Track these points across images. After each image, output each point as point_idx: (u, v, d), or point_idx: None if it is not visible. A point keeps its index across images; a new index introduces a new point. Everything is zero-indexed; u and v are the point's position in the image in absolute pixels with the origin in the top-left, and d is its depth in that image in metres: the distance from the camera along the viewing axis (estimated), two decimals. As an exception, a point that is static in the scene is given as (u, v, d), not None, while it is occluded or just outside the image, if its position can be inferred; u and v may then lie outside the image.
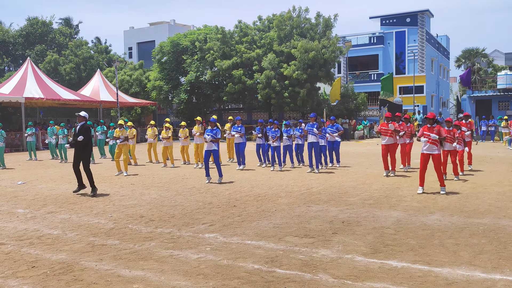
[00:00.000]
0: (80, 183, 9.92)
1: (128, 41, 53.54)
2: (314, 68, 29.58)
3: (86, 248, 5.76)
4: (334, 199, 8.82)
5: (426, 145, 9.26)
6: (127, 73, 38.83)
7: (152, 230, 6.64)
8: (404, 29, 44.93)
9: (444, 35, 56.30)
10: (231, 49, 32.69)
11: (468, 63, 52.82)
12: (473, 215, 7.23)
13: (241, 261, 5.16)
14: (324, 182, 11.06)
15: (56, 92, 28.58)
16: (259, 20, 34.70)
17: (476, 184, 10.38)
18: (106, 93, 32.91)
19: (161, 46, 35.62)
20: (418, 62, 44.38)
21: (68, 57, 40.84)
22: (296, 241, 5.90)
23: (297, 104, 30.24)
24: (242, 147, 14.09)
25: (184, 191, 10.05)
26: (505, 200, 8.38)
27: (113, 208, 8.32)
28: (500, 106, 32.09)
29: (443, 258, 5.15)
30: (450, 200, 8.52)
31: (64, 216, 7.70)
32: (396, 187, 10.18)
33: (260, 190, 9.99)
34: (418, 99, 43.26)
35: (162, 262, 5.16)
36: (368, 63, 46.22)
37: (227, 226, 6.77)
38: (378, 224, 6.72)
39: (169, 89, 35.18)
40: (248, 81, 31.24)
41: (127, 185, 11.28)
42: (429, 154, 9.24)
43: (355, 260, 5.12)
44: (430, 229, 6.40)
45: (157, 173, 13.62)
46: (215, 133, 11.37)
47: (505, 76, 31.41)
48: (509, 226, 6.49)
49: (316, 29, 31.72)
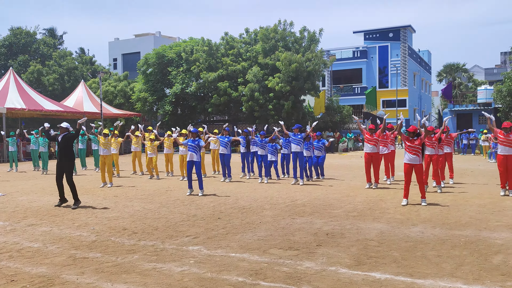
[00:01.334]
0: (62, 197, 9.75)
1: (113, 52, 53.35)
2: (298, 80, 29.84)
3: (67, 261, 5.66)
4: (319, 211, 8.85)
5: (408, 156, 9.46)
6: (112, 84, 38.60)
7: (135, 242, 6.56)
8: (387, 43, 45.75)
9: (426, 50, 57.50)
10: (217, 61, 32.82)
11: (449, 77, 53.90)
12: (455, 227, 7.32)
13: (225, 273, 5.13)
14: (308, 194, 11.10)
15: (38, 103, 28.23)
16: (246, 32, 34.95)
17: (458, 197, 10.53)
18: (90, 104, 32.61)
19: (146, 57, 35.56)
20: (400, 76, 45.13)
21: (51, 67, 40.46)
22: (281, 254, 5.90)
23: (281, 116, 30.41)
24: (227, 158, 14.04)
25: (168, 203, 9.97)
26: (485, 212, 8.52)
27: (96, 220, 8.20)
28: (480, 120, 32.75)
29: (426, 269, 5.19)
30: (432, 212, 8.62)
31: (45, 228, 7.56)
32: (379, 199, 10.27)
33: (244, 202, 9.97)
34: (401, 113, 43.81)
35: (145, 275, 5.10)
36: (352, 77, 46.86)
37: (211, 238, 6.73)
38: (362, 236, 6.76)
39: (154, 100, 35.05)
40: (234, 93, 31.35)
41: (110, 197, 11.15)
42: (411, 164, 9.43)
43: (339, 272, 5.13)
44: (413, 241, 6.46)
45: (141, 185, 13.50)
46: (197, 143, 11.23)
47: (485, 90, 32.14)
48: (489, 238, 6.59)
49: (301, 42, 32.07)
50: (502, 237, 6.60)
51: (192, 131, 11.56)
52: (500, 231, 7.01)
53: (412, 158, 9.43)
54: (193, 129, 11.66)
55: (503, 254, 5.75)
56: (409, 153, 9.47)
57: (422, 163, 9.57)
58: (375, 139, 12.03)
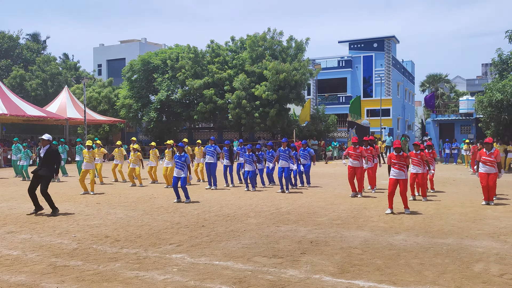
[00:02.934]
0: (36, 205, 9.47)
1: (97, 58, 52.93)
2: (285, 89, 29.98)
3: (47, 270, 5.54)
4: (303, 219, 8.86)
5: (394, 171, 9.60)
6: (96, 90, 38.23)
7: (118, 250, 6.46)
8: (371, 53, 46.35)
9: (409, 61, 58.41)
10: (203, 68, 32.80)
11: (432, 88, 54.81)
12: (437, 235, 7.40)
13: (209, 282, 5.08)
14: (293, 202, 11.10)
15: (20, 108, 27.79)
16: (231, 40, 35.03)
17: (440, 205, 10.66)
18: (74, 110, 32.23)
19: (132, 64, 35.37)
20: (384, 86, 45.72)
21: (35, 72, 39.93)
22: (265, 262, 5.87)
23: (266, 124, 30.47)
24: (213, 167, 13.95)
25: (151, 211, 9.87)
26: (467, 221, 8.63)
27: (77, 227, 8.07)
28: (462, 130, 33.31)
29: (409, 277, 5.23)
30: (415, 220, 8.70)
31: (24, 236, 7.41)
32: (363, 207, 10.33)
33: (229, 210, 9.93)
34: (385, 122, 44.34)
35: (127, 284, 5.02)
36: (337, 86, 47.26)
37: (195, 246, 6.68)
38: (346, 244, 6.78)
39: (139, 107, 34.82)
40: (219, 101, 31.33)
41: (93, 204, 10.99)
42: (397, 179, 9.55)
43: (323, 280, 5.13)
44: (396, 249, 6.50)
45: (124, 192, 13.34)
46: (184, 159, 11.24)
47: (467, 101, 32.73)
48: (471, 246, 6.67)
49: (288, 51, 32.27)
50: (483, 245, 6.69)
51: (179, 145, 11.54)
52: (481, 239, 7.11)
53: (397, 173, 9.60)
54: (180, 144, 11.63)
55: (484, 262, 5.82)
56: (395, 168, 9.62)
57: (407, 177, 9.71)
58: (359, 154, 12.06)
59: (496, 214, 9.37)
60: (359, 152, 12.12)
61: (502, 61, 23.65)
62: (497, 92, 21.65)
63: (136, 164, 15.16)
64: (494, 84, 22.82)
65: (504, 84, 21.34)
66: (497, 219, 8.86)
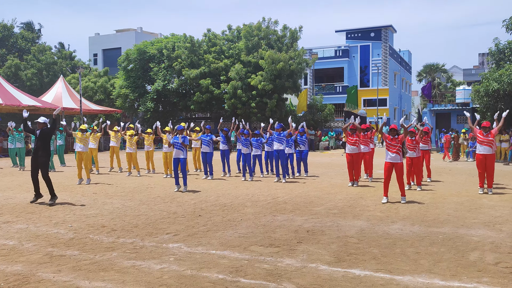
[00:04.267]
0: (37, 192, 9.58)
1: (93, 48, 52.53)
2: (281, 79, 29.88)
3: (43, 259, 5.54)
4: (300, 208, 8.88)
5: (390, 155, 9.54)
6: (92, 80, 38.00)
7: (114, 240, 6.46)
8: (368, 43, 46.19)
9: (407, 50, 58.27)
10: (199, 58, 32.62)
11: (429, 77, 54.76)
12: (433, 224, 7.43)
13: (205, 271, 5.09)
14: (289, 192, 11.12)
15: (16, 98, 27.60)
16: (228, 29, 34.79)
17: (436, 195, 10.70)
18: (69, 99, 32.04)
19: (127, 53, 35.10)
20: (381, 76, 45.62)
21: (30, 62, 39.61)
22: (261, 251, 5.89)
23: (265, 114, 30.41)
24: (209, 156, 13.96)
25: (148, 201, 9.87)
26: (463, 210, 8.67)
27: (74, 217, 8.06)
28: (458, 119, 33.34)
29: (404, 266, 5.25)
30: (411, 209, 8.74)
31: (21, 226, 7.40)
32: (359, 197, 10.36)
33: (226, 200, 9.94)
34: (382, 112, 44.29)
35: (124, 273, 5.03)
36: (333, 76, 47.17)
37: (191, 236, 6.68)
38: (342, 233, 6.80)
39: (135, 97, 34.65)
40: (216, 91, 31.21)
41: (89, 194, 10.97)
42: (392, 163, 9.52)
43: (319, 269, 5.15)
44: (392, 238, 6.53)
45: (121, 182, 13.33)
46: (184, 140, 11.28)
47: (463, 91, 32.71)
48: (466, 235, 6.71)
49: (283, 40, 32.11)
50: (478, 234, 6.73)
51: (178, 128, 11.56)
52: (477, 228, 7.15)
53: (393, 157, 9.52)
54: (179, 126, 11.63)
55: (480, 251, 5.86)
56: (390, 151, 9.56)
57: (403, 161, 9.68)
58: (356, 140, 12.12)
59: (491, 203, 9.42)
60: (357, 138, 12.16)
61: (499, 51, 23.63)
62: (493, 81, 21.66)
63: (133, 149, 15.12)
64: (491, 73, 22.82)
65: (500, 74, 21.33)
66: (493, 208, 8.90)
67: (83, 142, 13.11)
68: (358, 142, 12.17)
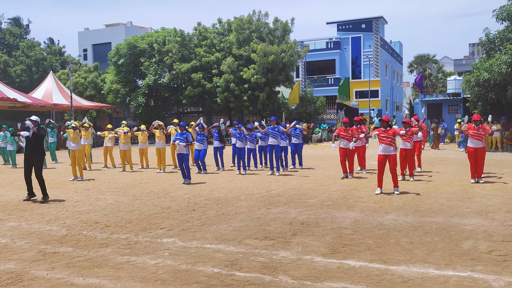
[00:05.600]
0: (30, 192, 9.49)
1: (82, 43, 52.02)
2: (273, 72, 29.80)
3: (36, 257, 5.49)
4: (294, 201, 8.88)
5: (383, 147, 9.55)
6: (82, 76, 37.65)
7: (108, 236, 6.42)
8: (359, 35, 46.18)
9: (398, 41, 58.36)
10: (190, 52, 32.42)
11: (420, 68, 54.94)
12: (427, 214, 7.47)
13: (201, 265, 5.08)
14: (283, 185, 11.12)
15: (5, 94, 27.27)
16: (218, 22, 34.58)
17: (429, 185, 10.76)
18: (60, 96, 31.72)
19: (118, 48, 34.79)
20: (373, 67, 45.69)
21: (18, 58, 39.12)
22: (256, 244, 5.88)
23: (257, 108, 30.35)
24: (202, 153, 13.76)
25: (141, 196, 9.82)
26: (456, 200, 8.73)
27: (66, 214, 8.00)
28: (450, 110, 33.51)
29: (399, 256, 5.27)
30: (404, 200, 8.78)
31: (13, 223, 7.32)
32: (353, 188, 10.38)
33: (219, 194, 9.92)
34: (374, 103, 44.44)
35: (118, 269, 5.00)
36: (325, 68, 47.16)
37: (186, 230, 6.66)
38: (336, 225, 6.81)
39: (127, 92, 34.40)
40: (208, 85, 31.07)
41: (82, 190, 10.90)
42: (386, 155, 9.53)
43: (314, 261, 5.15)
44: (386, 228, 6.55)
45: (114, 178, 13.25)
46: (186, 137, 11.47)
47: (454, 81, 32.83)
48: (460, 224, 6.75)
49: (275, 33, 31.98)
50: (471, 223, 6.77)
51: (181, 124, 11.79)
52: (469, 217, 7.19)
53: (386, 149, 9.52)
54: (182, 123, 11.91)
55: (473, 240, 5.90)
56: (383, 143, 9.56)
57: (396, 153, 9.69)
58: (350, 135, 12.11)
59: (484, 192, 9.49)
60: (351, 133, 12.18)
61: (490, 41, 23.68)
62: (484, 71, 21.74)
63: (127, 146, 15.04)
64: (482, 63, 22.89)
65: (491, 64, 21.41)
66: (485, 197, 8.97)
67: (76, 140, 13.04)
68: (352, 137, 12.13)
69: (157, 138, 14.63)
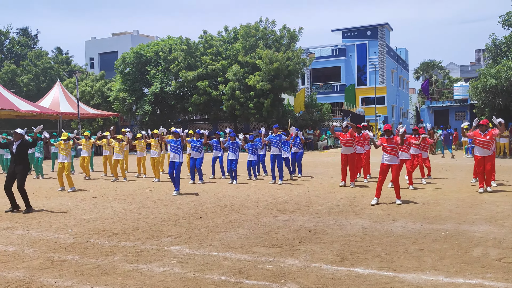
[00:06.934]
0: (13, 204, 9.27)
1: (89, 52, 52.47)
2: (278, 79, 29.86)
3: (45, 265, 5.50)
4: (301, 208, 8.85)
5: (386, 156, 9.35)
6: (89, 84, 37.94)
7: (115, 244, 6.43)
8: (365, 41, 46.20)
9: (403, 48, 58.32)
10: (196, 60, 32.59)
11: (426, 75, 54.81)
12: (435, 221, 7.41)
13: (208, 273, 5.06)
14: (290, 192, 11.09)
15: (13, 103, 27.52)
16: (225, 30, 34.77)
17: (437, 192, 10.68)
18: (67, 104, 31.98)
19: (124, 57, 35.06)
20: (379, 74, 45.64)
21: (26, 67, 39.52)
22: (264, 251, 5.86)
23: (262, 115, 30.37)
24: (199, 162, 13.53)
25: (148, 204, 9.83)
26: (464, 206, 8.65)
27: (74, 222, 8.02)
28: (456, 116, 33.38)
29: (408, 264, 5.23)
30: (412, 207, 8.71)
31: (21, 231, 7.35)
32: (360, 195, 10.33)
33: (226, 201, 9.90)
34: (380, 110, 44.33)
35: (126, 277, 4.99)
36: (331, 75, 47.18)
37: (193, 238, 6.65)
38: (344, 232, 6.77)
39: (133, 100, 34.60)
40: (213, 92, 31.18)
41: (89, 198, 10.93)
42: (389, 164, 9.29)
43: (322, 269, 5.12)
44: (394, 236, 6.50)
45: (120, 186, 13.28)
46: (178, 144, 11.28)
47: (461, 87, 32.76)
48: (469, 231, 6.69)
49: (282, 40, 32.09)
50: (481, 230, 6.71)
51: (174, 131, 11.53)
52: (479, 224, 7.13)
53: (390, 158, 9.25)
54: (175, 130, 11.60)
55: (483, 247, 5.84)
56: (387, 153, 9.30)
57: (399, 163, 9.41)
58: (351, 140, 11.92)
59: (492, 199, 9.41)
60: (355, 138, 12.08)
61: (496, 46, 23.63)
62: (491, 77, 21.66)
63: (121, 155, 14.78)
64: (488, 69, 22.82)
65: (498, 70, 21.34)
66: (494, 203, 8.89)
67: (65, 152, 12.38)
68: (353, 142, 12.02)
69: (152, 147, 14.44)
